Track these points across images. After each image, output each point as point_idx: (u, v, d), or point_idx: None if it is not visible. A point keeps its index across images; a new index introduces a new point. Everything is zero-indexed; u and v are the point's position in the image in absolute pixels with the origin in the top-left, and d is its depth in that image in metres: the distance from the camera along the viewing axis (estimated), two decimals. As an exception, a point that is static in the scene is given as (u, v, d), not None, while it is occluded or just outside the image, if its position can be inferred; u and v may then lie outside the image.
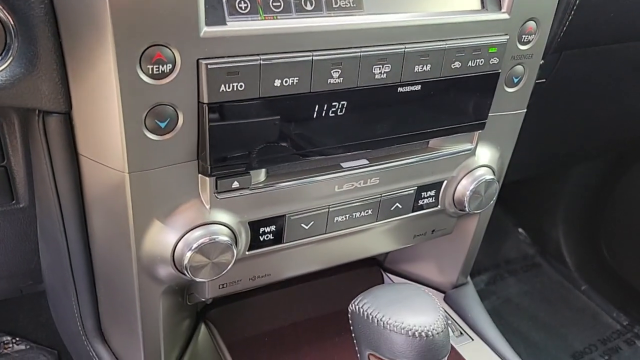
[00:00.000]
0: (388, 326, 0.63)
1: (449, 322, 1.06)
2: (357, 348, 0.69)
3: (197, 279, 0.73)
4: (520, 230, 2.38)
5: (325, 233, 0.85)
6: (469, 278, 1.15)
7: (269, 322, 1.00)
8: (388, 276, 1.16)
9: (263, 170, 0.75)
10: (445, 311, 1.10)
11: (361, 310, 0.66)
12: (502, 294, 2.16)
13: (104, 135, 0.64)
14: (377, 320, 0.64)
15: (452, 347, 1.00)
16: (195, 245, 0.71)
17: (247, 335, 0.98)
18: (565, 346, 1.99)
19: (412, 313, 0.64)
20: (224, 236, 0.72)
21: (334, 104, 0.70)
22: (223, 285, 0.81)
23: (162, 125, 0.63)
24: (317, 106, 0.69)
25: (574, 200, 2.18)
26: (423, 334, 0.63)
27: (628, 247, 2.02)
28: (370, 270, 1.15)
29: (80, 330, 0.87)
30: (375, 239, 0.92)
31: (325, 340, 0.97)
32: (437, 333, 0.63)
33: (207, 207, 0.72)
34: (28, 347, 1.38)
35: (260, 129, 0.67)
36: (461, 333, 1.05)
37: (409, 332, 0.63)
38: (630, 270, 2.02)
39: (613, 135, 1.67)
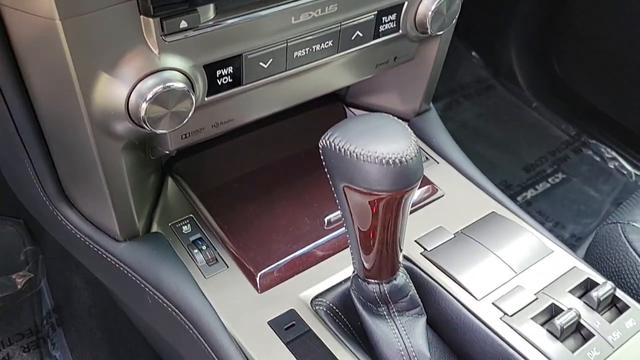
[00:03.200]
0: (361, 157, 0.62)
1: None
2: (331, 183, 0.69)
3: (158, 131, 0.69)
4: (473, 53, 2.37)
5: (286, 70, 0.80)
6: (431, 104, 1.15)
7: (238, 169, 0.99)
8: (351, 110, 1.14)
9: (211, 6, 0.68)
10: (411, 138, 1.10)
11: (332, 144, 0.65)
12: (458, 118, 2.20)
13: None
14: (350, 152, 0.63)
15: (420, 172, 1.02)
16: (149, 96, 0.66)
17: (217, 184, 0.97)
18: (519, 160, 2.09)
19: (384, 142, 0.63)
20: (178, 83, 0.67)
21: None
22: (186, 135, 0.78)
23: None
24: None
25: (526, 20, 2.15)
26: (397, 160, 0.62)
27: (579, 60, 2.04)
28: (333, 107, 1.13)
29: (43, 197, 0.84)
30: (337, 72, 0.89)
31: (297, 179, 0.97)
32: (411, 159, 0.63)
33: (156, 52, 0.66)
34: (-8, 219, 1.37)
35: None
36: (427, 158, 1.06)
37: (383, 160, 0.62)
38: (580, 82, 2.07)
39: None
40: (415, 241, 0.89)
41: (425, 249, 0.88)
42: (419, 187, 0.99)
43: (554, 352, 0.73)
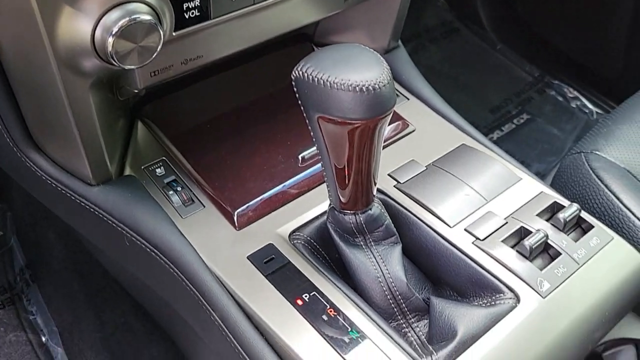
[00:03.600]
0: (335, 85, 0.63)
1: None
2: (305, 114, 0.69)
3: (126, 67, 0.68)
4: (438, -3, 2.37)
5: (254, 4, 0.79)
6: (399, 42, 1.14)
7: (209, 111, 0.98)
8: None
9: None
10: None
11: (306, 74, 0.64)
12: (424, 62, 2.20)
13: None
14: (324, 82, 0.63)
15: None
16: (115, 29, 0.64)
17: (188, 126, 0.96)
18: (484, 103, 2.12)
19: (357, 70, 0.63)
20: (145, 15, 0.66)
21: None
22: (155, 72, 0.77)
23: None
24: None
25: (489, -40, 2.15)
26: (370, 88, 0.62)
27: (540, 0, 2.06)
28: (302, 46, 1.11)
29: (10, 143, 0.82)
30: (305, 7, 0.88)
31: (269, 119, 0.97)
32: (384, 85, 0.63)
33: None
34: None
35: None
36: (397, 95, 1.07)
37: (356, 88, 0.62)
38: (543, 23, 2.09)
39: None
40: (389, 175, 0.91)
41: (398, 182, 0.90)
42: (391, 123, 1.00)
43: (523, 271, 0.77)
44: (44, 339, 1.31)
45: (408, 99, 1.06)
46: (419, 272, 0.85)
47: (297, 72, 0.66)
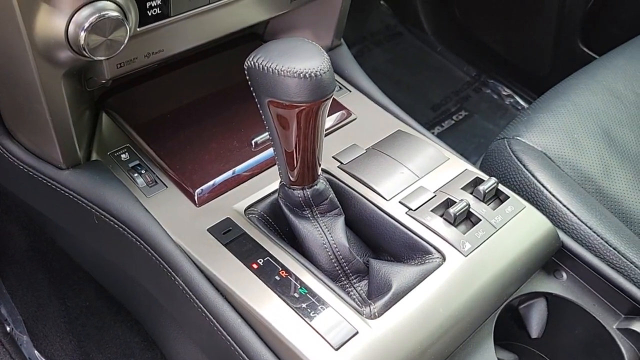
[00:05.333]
0: (282, 73, 0.73)
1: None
2: (257, 100, 0.79)
3: (96, 58, 0.76)
4: (382, 2, 2.50)
5: (209, 4, 0.89)
6: (342, 40, 1.26)
7: (169, 103, 1.07)
8: (269, 48, 1.23)
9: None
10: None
11: (256, 64, 0.75)
12: (369, 64, 2.33)
13: None
14: (272, 70, 0.73)
15: (334, 99, 1.14)
16: (86, 25, 0.73)
17: (150, 116, 1.04)
18: (426, 101, 2.26)
19: (301, 59, 0.74)
20: (113, 12, 0.74)
21: None
22: (121, 64, 0.85)
23: None
24: None
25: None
26: (312, 74, 0.73)
27: (477, 5, 2.21)
28: (253, 44, 1.21)
29: (-17, 132, 0.89)
30: (255, 7, 0.98)
31: (224, 109, 1.06)
32: (324, 72, 0.74)
33: None
34: None
35: None
36: (340, 87, 1.18)
37: (300, 74, 0.73)
38: (478, 26, 2.24)
39: None
40: (333, 157, 1.02)
41: (341, 163, 1.01)
42: (335, 112, 1.11)
43: (448, 235, 0.89)
44: (8, 328, 1.35)
45: (350, 91, 1.18)
46: (360, 240, 0.96)
47: (249, 62, 0.76)
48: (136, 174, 0.95)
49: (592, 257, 0.95)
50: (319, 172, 0.87)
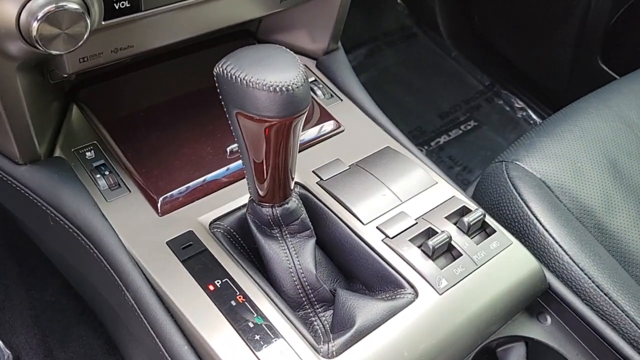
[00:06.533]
0: (251, 84, 0.66)
1: (320, 86, 1.12)
2: (225, 109, 0.73)
3: (51, 52, 0.70)
4: (399, 1, 2.42)
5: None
6: (339, 44, 1.19)
7: (144, 100, 1.01)
8: (262, 47, 1.17)
9: None
10: (317, 76, 1.15)
11: (225, 71, 0.68)
12: (380, 65, 2.26)
13: None
14: (241, 80, 0.67)
15: (323, 108, 1.07)
16: (40, 15, 0.67)
17: (123, 113, 0.98)
18: (434, 107, 2.19)
19: (273, 70, 0.67)
20: (72, 3, 0.68)
21: None
22: (84, 58, 0.79)
23: None
24: None
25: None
26: (284, 88, 0.66)
27: (496, 13, 2.13)
28: (244, 42, 1.15)
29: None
30: (239, 5, 0.91)
31: (203, 111, 1.00)
32: (297, 87, 0.67)
33: None
34: None
35: None
36: (332, 95, 1.11)
37: (270, 88, 0.66)
38: (496, 34, 2.16)
39: None
40: (313, 171, 0.95)
41: (321, 179, 0.94)
42: (322, 122, 1.05)
43: (424, 269, 0.82)
44: (-26, 314, 1.32)
45: (341, 100, 1.11)
46: (332, 265, 0.90)
47: (218, 69, 0.69)
48: (99, 175, 0.89)
49: (580, 303, 0.88)
50: (292, 189, 0.81)
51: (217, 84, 0.71)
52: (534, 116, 2.18)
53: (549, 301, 0.90)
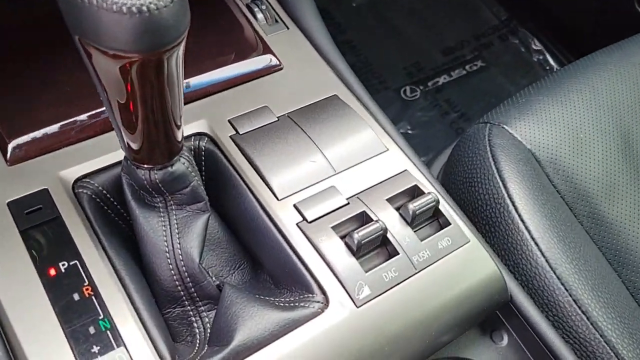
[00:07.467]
0: (94, 1, 0.44)
1: (263, 7, 0.87)
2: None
3: None
4: None
5: None
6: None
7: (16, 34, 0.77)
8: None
9: None
10: None
11: None
12: (381, -17, 1.98)
13: None
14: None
15: (260, 36, 0.84)
16: None
17: None
18: (438, 41, 1.92)
19: None
20: None
21: None
22: None
23: None
24: None
25: None
26: (140, 8, 0.44)
27: None
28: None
29: None
30: None
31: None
32: (161, 7, 0.45)
33: None
34: None
35: None
36: (276, 20, 0.87)
37: (121, 7, 0.43)
38: (519, -40, 1.86)
39: None
40: (229, 121, 0.74)
41: (237, 132, 0.73)
42: (256, 55, 0.82)
43: (343, 270, 0.62)
44: None
45: (288, 28, 0.87)
46: (238, 246, 0.70)
47: None
48: None
49: (547, 323, 0.68)
50: (179, 145, 0.60)
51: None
52: (551, 61, 1.92)
53: (509, 316, 0.70)
